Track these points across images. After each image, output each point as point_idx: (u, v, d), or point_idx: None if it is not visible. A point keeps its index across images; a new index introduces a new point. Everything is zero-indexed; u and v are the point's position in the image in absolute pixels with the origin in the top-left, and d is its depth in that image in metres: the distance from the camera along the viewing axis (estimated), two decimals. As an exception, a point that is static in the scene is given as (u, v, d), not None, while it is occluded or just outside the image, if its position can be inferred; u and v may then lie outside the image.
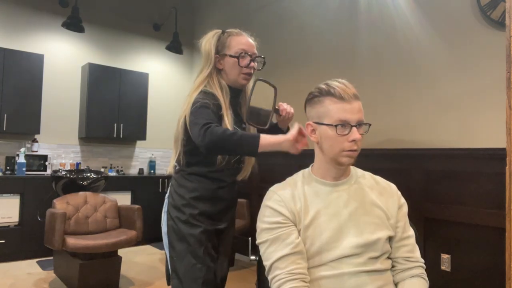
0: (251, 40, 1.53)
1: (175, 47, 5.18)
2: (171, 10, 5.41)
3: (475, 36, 2.54)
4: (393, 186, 1.20)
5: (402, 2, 2.97)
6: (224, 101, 1.45)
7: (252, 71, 1.50)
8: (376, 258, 1.08)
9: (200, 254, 1.46)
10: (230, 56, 1.48)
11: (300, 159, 1.21)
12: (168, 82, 5.61)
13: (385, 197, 1.15)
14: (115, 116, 4.83)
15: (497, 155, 2.32)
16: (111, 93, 4.80)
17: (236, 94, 1.54)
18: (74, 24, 4.30)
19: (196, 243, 1.46)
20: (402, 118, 2.95)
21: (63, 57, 4.75)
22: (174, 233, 1.51)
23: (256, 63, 1.52)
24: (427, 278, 1.14)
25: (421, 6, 2.85)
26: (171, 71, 5.65)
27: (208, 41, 1.52)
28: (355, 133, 1.06)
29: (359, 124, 1.08)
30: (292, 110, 1.55)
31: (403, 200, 1.18)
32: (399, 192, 1.19)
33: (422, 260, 1.15)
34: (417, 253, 1.15)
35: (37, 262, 3.90)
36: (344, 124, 1.06)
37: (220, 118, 1.41)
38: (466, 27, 2.59)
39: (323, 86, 1.11)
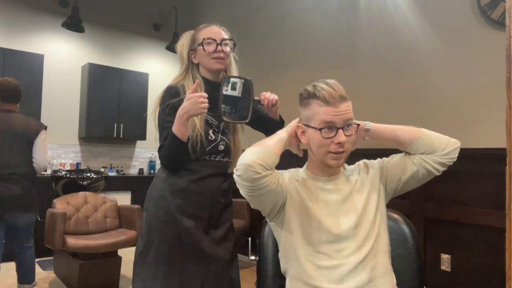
0: (217, 28, 1.55)
1: (175, 47, 5.18)
2: (171, 10, 5.41)
3: (475, 36, 2.54)
4: (363, 162, 1.24)
5: (402, 2, 2.97)
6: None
7: (222, 54, 1.50)
8: (370, 243, 1.08)
9: (164, 248, 1.45)
10: (198, 45, 1.52)
11: (302, 160, 1.22)
12: (168, 82, 5.58)
13: (369, 177, 1.18)
14: (115, 116, 4.83)
15: (497, 155, 2.32)
16: (111, 93, 4.80)
17: (214, 86, 1.53)
18: (74, 24, 4.31)
19: (161, 238, 1.46)
20: (402, 118, 2.95)
21: (63, 57, 4.75)
22: (144, 225, 1.53)
23: (227, 47, 1.53)
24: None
25: (421, 6, 2.84)
26: (171, 71, 5.65)
27: (181, 43, 1.59)
28: (340, 136, 1.06)
29: (347, 125, 1.08)
30: (275, 97, 1.53)
31: (373, 162, 1.23)
32: (368, 162, 1.24)
33: None
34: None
35: (37, 262, 3.90)
36: (330, 127, 1.06)
37: None
38: (466, 27, 2.59)
39: (310, 89, 1.12)
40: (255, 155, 1.03)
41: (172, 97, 1.49)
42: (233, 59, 1.60)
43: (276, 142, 1.10)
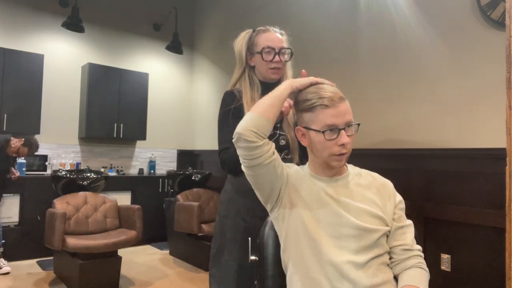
0: (277, 35, 1.56)
1: (175, 47, 5.18)
2: (171, 10, 5.41)
3: (475, 36, 2.54)
4: (389, 184, 1.21)
5: (402, 2, 2.97)
6: (252, 96, 1.52)
7: (279, 65, 1.53)
8: (374, 252, 1.08)
9: (234, 251, 1.47)
10: (257, 53, 1.53)
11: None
12: (168, 82, 5.61)
13: (382, 195, 1.16)
14: (115, 116, 4.83)
15: (497, 155, 2.32)
16: (111, 93, 4.80)
17: (270, 88, 1.55)
18: (74, 24, 4.31)
19: (231, 240, 1.49)
20: (402, 118, 2.95)
21: (63, 57, 4.75)
22: (217, 227, 1.57)
23: (285, 56, 1.55)
24: (426, 268, 1.12)
25: (421, 6, 2.85)
26: (171, 71, 5.65)
27: (239, 42, 1.58)
28: (343, 137, 1.06)
29: (348, 126, 1.08)
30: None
31: (399, 197, 1.19)
32: (394, 190, 1.20)
33: (419, 247, 1.15)
34: (414, 242, 1.15)
35: (37, 262, 3.90)
36: (332, 129, 1.06)
37: (242, 117, 1.48)
38: (466, 27, 2.59)
39: (310, 95, 1.11)
40: (247, 122, 1.07)
41: (230, 102, 1.53)
42: (289, 66, 1.61)
43: (271, 103, 1.11)
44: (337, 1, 3.50)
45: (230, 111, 1.51)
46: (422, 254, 1.15)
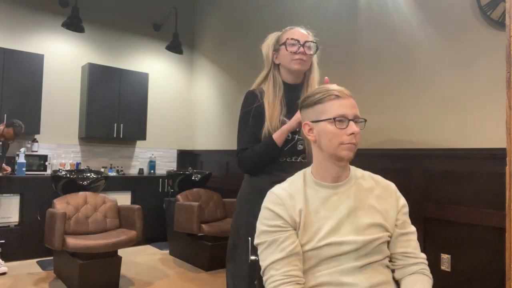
0: (302, 30, 1.58)
1: (175, 47, 5.18)
2: (171, 10, 5.41)
3: (475, 36, 2.54)
4: (392, 186, 1.20)
5: (402, 2, 2.97)
6: (274, 96, 1.54)
7: (303, 57, 1.53)
8: (373, 258, 1.08)
9: (246, 247, 1.49)
10: (281, 44, 1.55)
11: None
12: (168, 82, 5.61)
13: (384, 199, 1.15)
14: (115, 116, 4.83)
15: (497, 155, 2.32)
16: (111, 93, 4.80)
17: (293, 89, 1.58)
18: (74, 24, 4.31)
19: (244, 237, 1.51)
20: (402, 118, 2.95)
21: (63, 57, 4.75)
22: (233, 224, 1.61)
23: (311, 50, 1.56)
24: (430, 274, 1.13)
25: (421, 6, 2.85)
26: (171, 71, 5.65)
27: (266, 43, 1.60)
28: (353, 126, 1.09)
29: (355, 120, 1.11)
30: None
31: (403, 201, 1.18)
32: (398, 192, 1.19)
33: (423, 256, 1.15)
34: (417, 250, 1.15)
35: (37, 262, 3.90)
36: (342, 119, 1.09)
37: (262, 117, 1.53)
38: (466, 27, 2.59)
39: (318, 89, 1.15)
40: None
41: (251, 102, 1.54)
42: (315, 63, 1.62)
43: None
44: (337, 1, 3.50)
45: (251, 111, 1.53)
46: (427, 262, 1.15)
